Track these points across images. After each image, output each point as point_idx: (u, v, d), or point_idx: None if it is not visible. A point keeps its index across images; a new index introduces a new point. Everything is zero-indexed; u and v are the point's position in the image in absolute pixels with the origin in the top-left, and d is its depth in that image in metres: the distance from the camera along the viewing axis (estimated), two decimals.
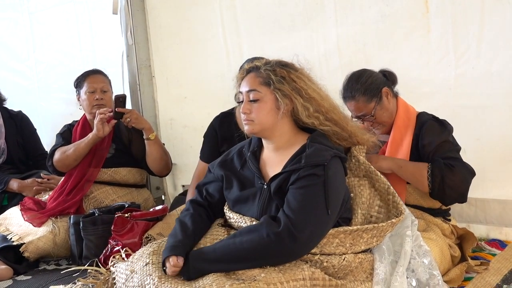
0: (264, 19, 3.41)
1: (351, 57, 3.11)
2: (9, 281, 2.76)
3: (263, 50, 3.26)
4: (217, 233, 2.07)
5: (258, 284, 1.74)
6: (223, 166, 2.18)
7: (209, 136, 3.13)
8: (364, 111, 2.53)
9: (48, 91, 4.52)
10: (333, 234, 1.91)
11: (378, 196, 2.10)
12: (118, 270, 2.06)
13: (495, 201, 2.85)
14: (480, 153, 2.75)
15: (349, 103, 2.56)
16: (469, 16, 2.74)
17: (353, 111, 2.56)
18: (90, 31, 4.13)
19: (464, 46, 2.79)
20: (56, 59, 4.45)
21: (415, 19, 2.89)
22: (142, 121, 3.15)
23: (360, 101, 2.52)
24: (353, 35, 3.08)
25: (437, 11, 2.82)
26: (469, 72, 2.80)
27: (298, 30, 3.28)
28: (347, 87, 2.56)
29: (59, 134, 3.36)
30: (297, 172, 1.92)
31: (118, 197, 3.25)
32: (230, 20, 3.53)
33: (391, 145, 2.53)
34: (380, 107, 2.53)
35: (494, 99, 2.76)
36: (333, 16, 3.11)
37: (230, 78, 3.50)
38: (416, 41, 2.90)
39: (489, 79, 2.75)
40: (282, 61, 2.09)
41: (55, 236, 2.97)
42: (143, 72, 3.84)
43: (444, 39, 2.83)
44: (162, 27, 3.78)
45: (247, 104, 2.05)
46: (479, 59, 2.77)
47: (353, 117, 2.57)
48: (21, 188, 3.53)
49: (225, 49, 3.58)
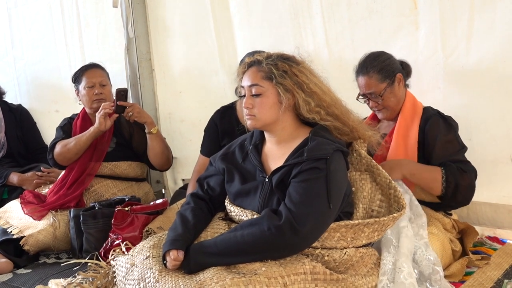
0: (254, 14, 3.38)
1: (340, 53, 3.08)
2: (9, 274, 2.75)
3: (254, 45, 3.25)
4: (218, 226, 2.07)
5: (259, 278, 1.74)
6: (224, 159, 2.17)
7: (210, 130, 3.12)
8: (373, 89, 2.53)
9: (28, 89, 4.42)
10: (334, 228, 1.91)
11: (380, 190, 2.10)
12: (119, 263, 2.06)
13: (487, 204, 2.83)
14: (472, 154, 2.70)
15: (361, 78, 2.56)
16: (458, 13, 2.69)
17: (362, 87, 2.56)
18: (78, 26, 4.03)
19: (453, 43, 2.75)
20: (37, 55, 4.34)
21: (402, 15, 2.85)
22: (144, 115, 3.14)
23: (373, 78, 2.52)
24: (341, 31, 3.06)
25: (425, 7, 2.77)
26: (459, 70, 2.77)
27: (286, 26, 3.25)
28: (364, 62, 2.57)
29: (60, 127, 3.34)
30: (299, 166, 1.91)
31: (118, 191, 3.24)
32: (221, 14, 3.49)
33: (398, 134, 2.52)
34: (390, 90, 2.53)
35: (484, 98, 2.71)
36: (319, 12, 3.09)
37: (224, 73, 3.55)
38: (404, 38, 2.85)
39: (479, 77, 2.71)
40: (284, 55, 2.07)
41: (55, 230, 2.96)
42: (143, 65, 3.82)
43: (432, 36, 2.78)
44: (159, 20, 3.76)
45: (249, 99, 2.03)
46: (468, 57, 2.72)
47: (360, 94, 2.58)
48: (21, 181, 3.53)
49: (217, 44, 3.56)
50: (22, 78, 4.41)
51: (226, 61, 3.53)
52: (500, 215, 2.82)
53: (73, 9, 4.04)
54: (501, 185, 2.76)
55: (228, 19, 3.49)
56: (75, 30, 4.06)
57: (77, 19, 4.04)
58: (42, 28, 4.25)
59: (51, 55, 4.25)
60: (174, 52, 3.78)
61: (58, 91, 4.22)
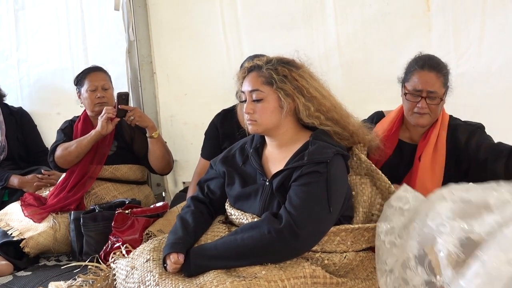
0: (265, 16, 3.39)
1: (351, 55, 3.09)
2: (9, 277, 2.75)
3: (263, 48, 3.25)
4: (218, 230, 2.07)
5: (259, 281, 1.75)
6: (225, 163, 2.17)
7: (210, 134, 3.12)
8: (437, 89, 2.30)
9: (31, 91, 4.40)
10: (334, 232, 1.92)
11: (380, 194, 2.10)
12: (119, 266, 2.06)
13: None
14: None
15: (427, 74, 2.30)
16: (470, 15, 2.72)
17: (425, 83, 2.30)
18: (82, 28, 4.04)
19: (465, 46, 2.77)
20: (42, 57, 4.32)
21: (416, 17, 2.88)
22: (145, 119, 3.14)
23: (440, 78, 2.31)
24: (354, 33, 3.07)
25: (438, 9, 2.80)
26: (470, 72, 2.78)
27: (298, 28, 3.26)
28: (431, 60, 2.34)
29: (60, 129, 3.34)
30: (300, 169, 1.92)
31: (119, 194, 3.24)
32: (230, 16, 3.51)
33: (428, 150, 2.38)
34: (443, 100, 2.36)
35: (495, 98, 2.74)
36: (332, 14, 3.10)
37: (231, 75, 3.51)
38: (417, 40, 2.88)
39: (490, 78, 2.73)
40: (284, 59, 2.07)
41: (55, 232, 2.96)
42: (144, 68, 3.82)
43: (445, 38, 2.82)
44: (163, 23, 3.77)
45: (250, 104, 2.03)
46: (480, 58, 2.75)
47: (416, 89, 2.31)
48: (22, 184, 3.52)
49: (225, 46, 3.57)
50: (24, 80, 4.41)
51: (233, 63, 3.53)
52: None
53: (77, 12, 4.06)
54: None
55: (235, 22, 3.49)
56: (79, 32, 4.08)
57: (81, 21, 4.05)
58: (48, 31, 4.26)
59: (54, 57, 4.25)
60: (179, 55, 3.79)
61: (60, 93, 4.21)
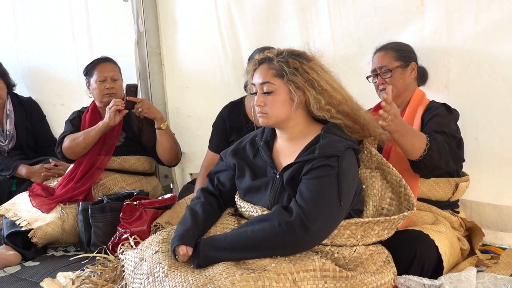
0: (259, 9, 3.36)
1: (346, 49, 3.06)
2: (17, 267, 2.77)
3: (259, 40, 3.24)
4: (227, 222, 2.07)
5: (268, 274, 1.74)
6: (235, 155, 2.17)
7: (218, 126, 3.11)
8: (385, 63, 2.58)
9: (32, 81, 4.37)
10: (344, 226, 1.91)
11: (390, 188, 2.09)
12: (127, 257, 2.06)
13: (491, 205, 2.79)
14: (478, 154, 2.69)
15: (377, 55, 2.63)
16: (465, 11, 2.66)
17: (375, 62, 2.62)
18: (86, 19, 3.96)
19: (460, 42, 2.73)
20: (42, 48, 4.28)
21: (409, 12, 2.83)
22: (154, 111, 3.14)
23: (388, 54, 2.59)
24: (347, 27, 3.04)
25: (431, 4, 2.75)
26: (464, 68, 2.74)
27: (292, 21, 3.23)
28: (385, 43, 2.65)
29: (69, 120, 3.35)
30: (311, 163, 1.91)
31: (127, 185, 3.25)
32: (224, 9, 3.48)
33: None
34: (401, 72, 2.57)
35: (490, 97, 2.68)
36: (326, 7, 3.07)
37: (228, 69, 3.53)
38: (410, 35, 2.83)
39: (485, 76, 2.69)
40: (295, 51, 2.05)
41: (63, 222, 2.98)
42: (153, 60, 3.81)
43: (438, 35, 2.78)
44: (168, 15, 3.75)
45: (261, 97, 2.02)
46: (474, 54, 2.70)
47: (371, 71, 2.62)
48: (30, 174, 3.53)
49: (220, 40, 3.54)
50: (25, 71, 4.38)
51: (230, 57, 3.52)
52: (504, 217, 2.79)
53: (81, 3, 4.02)
54: (506, 186, 2.74)
55: (230, 15, 3.47)
56: (83, 23, 4.03)
57: (85, 12, 4.01)
58: (48, 21, 4.21)
59: (57, 48, 4.22)
60: (182, 47, 3.77)
61: (63, 85, 4.19)
